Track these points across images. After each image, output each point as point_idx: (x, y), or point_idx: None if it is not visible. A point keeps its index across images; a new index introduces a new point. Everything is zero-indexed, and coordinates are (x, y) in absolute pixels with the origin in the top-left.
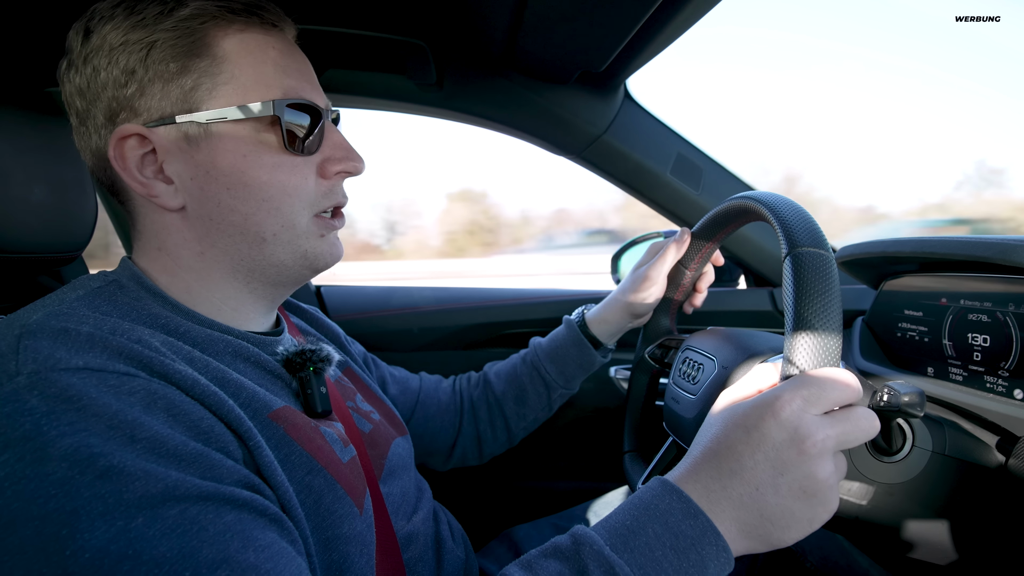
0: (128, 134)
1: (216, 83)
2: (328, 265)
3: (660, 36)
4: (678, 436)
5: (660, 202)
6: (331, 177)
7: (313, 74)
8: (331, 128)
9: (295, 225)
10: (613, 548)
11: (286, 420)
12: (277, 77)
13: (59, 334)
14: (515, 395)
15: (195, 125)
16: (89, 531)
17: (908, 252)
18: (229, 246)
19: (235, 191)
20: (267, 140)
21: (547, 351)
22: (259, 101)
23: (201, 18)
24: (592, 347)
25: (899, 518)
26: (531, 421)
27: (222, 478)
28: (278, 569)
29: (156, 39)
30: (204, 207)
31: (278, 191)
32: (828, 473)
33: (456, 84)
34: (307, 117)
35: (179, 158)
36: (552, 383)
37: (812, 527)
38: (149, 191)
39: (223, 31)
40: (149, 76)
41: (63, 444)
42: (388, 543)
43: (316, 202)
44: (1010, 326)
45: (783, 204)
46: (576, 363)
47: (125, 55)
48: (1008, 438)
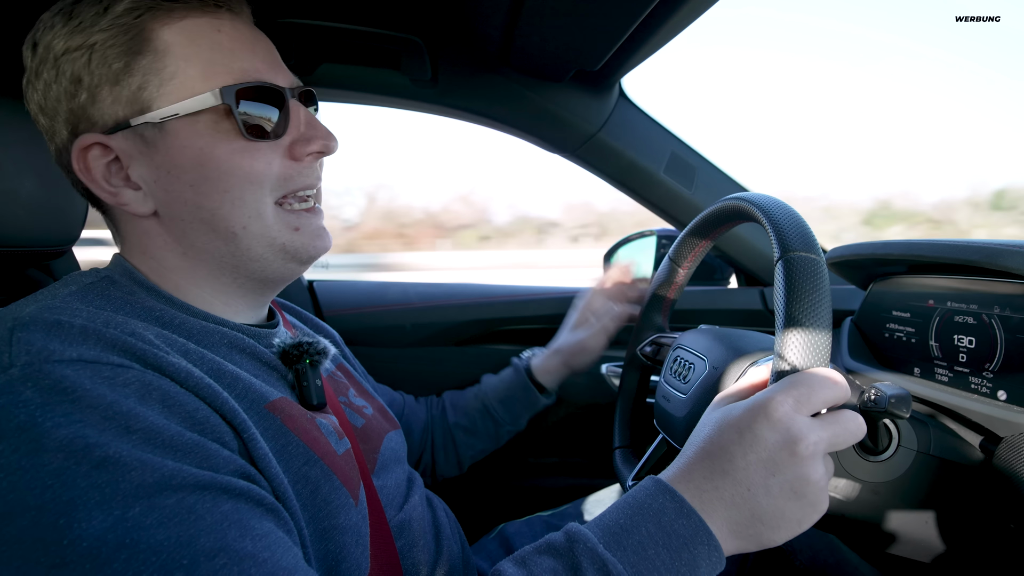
0: (88, 144)
1: (162, 79)
2: (313, 256)
3: (656, 36)
4: (668, 434)
5: (654, 201)
6: (302, 159)
7: (274, 52)
8: (297, 107)
9: (262, 215)
10: (607, 546)
11: (283, 411)
12: (226, 62)
13: (52, 326)
14: (465, 426)
15: (149, 126)
16: (86, 520)
17: (897, 254)
18: (206, 244)
19: (197, 187)
20: (224, 129)
21: (496, 391)
22: (207, 91)
23: (136, 11)
24: (537, 391)
25: (885, 516)
26: (479, 451)
27: (218, 467)
28: (275, 557)
29: (95, 41)
30: (173, 208)
31: (239, 180)
32: (819, 475)
33: (451, 81)
34: (266, 99)
35: (141, 162)
36: (500, 420)
37: (802, 527)
38: (119, 199)
39: (161, 22)
40: (95, 82)
41: (58, 435)
42: (382, 534)
43: (282, 185)
44: (995, 328)
45: (776, 207)
46: (522, 404)
47: (69, 63)
48: (991, 438)
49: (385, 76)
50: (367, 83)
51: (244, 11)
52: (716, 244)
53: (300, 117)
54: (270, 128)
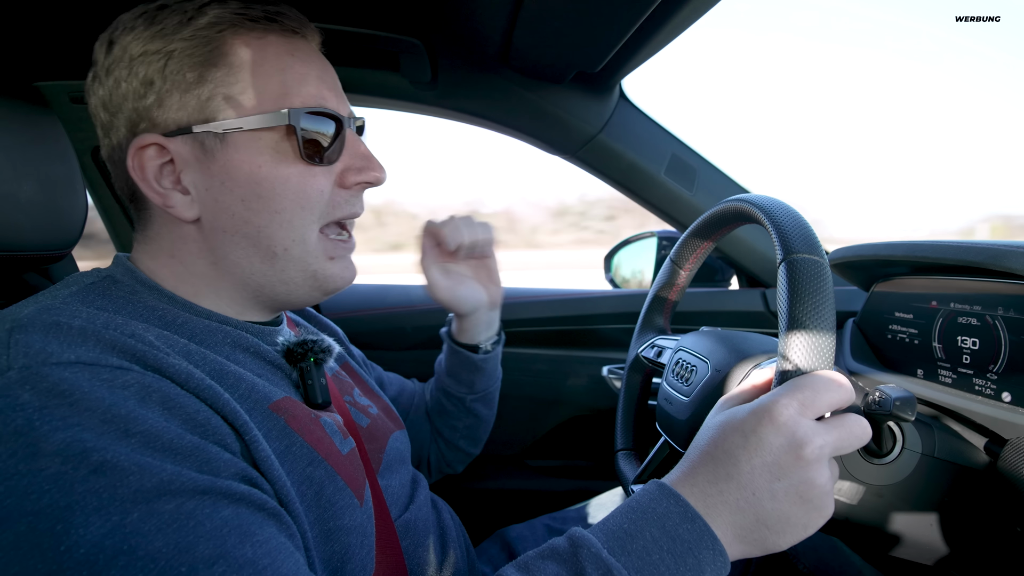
0: (146, 144)
1: (232, 92)
2: (338, 288)
3: (656, 37)
4: (671, 436)
5: (654, 202)
6: (351, 187)
7: (337, 82)
8: (353, 138)
9: (306, 240)
10: (611, 551)
11: (287, 411)
12: (295, 85)
13: (51, 328)
14: (438, 409)
15: (211, 135)
16: (84, 526)
17: (900, 256)
18: (242, 259)
19: (249, 202)
20: (283, 149)
21: (442, 368)
22: (275, 110)
23: (219, 26)
24: (469, 351)
25: (890, 519)
26: (463, 429)
27: (219, 471)
28: (275, 564)
29: (174, 48)
30: (218, 219)
31: (292, 203)
32: (825, 479)
33: (451, 83)
34: (328, 126)
35: (196, 168)
36: (456, 393)
37: (807, 532)
38: (166, 201)
39: (241, 39)
40: (167, 87)
41: (56, 439)
42: (387, 534)
43: (330, 212)
44: (999, 329)
45: (778, 209)
46: (463, 367)
47: (144, 66)
48: (996, 440)
49: (385, 78)
50: (367, 85)
51: (316, 39)
52: (717, 246)
53: (353, 147)
54: (326, 154)
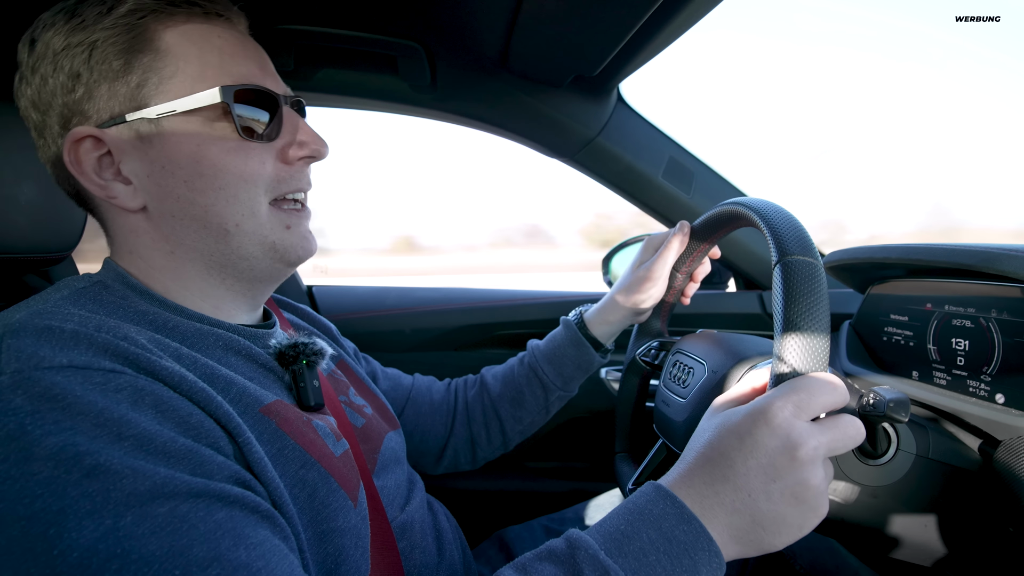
0: (81, 136)
1: (162, 77)
2: (301, 258)
3: (654, 41)
4: (668, 438)
5: (652, 205)
6: (294, 163)
7: (268, 62)
8: (291, 114)
9: (256, 213)
10: (608, 552)
11: (278, 415)
12: (225, 65)
13: (43, 332)
14: (512, 397)
15: (146, 122)
16: (77, 530)
17: (895, 258)
18: (196, 242)
19: (192, 182)
20: (220, 129)
21: (545, 352)
22: (206, 90)
23: (140, 13)
24: (592, 348)
25: (884, 520)
26: (527, 424)
27: (212, 474)
28: (270, 567)
29: (96, 39)
30: (164, 204)
31: (235, 178)
32: (819, 479)
33: (450, 86)
34: (262, 102)
35: (134, 157)
36: (550, 385)
37: (802, 532)
38: (108, 193)
39: (164, 24)
40: (94, 77)
41: (48, 443)
42: (384, 535)
43: (275, 187)
44: (992, 331)
45: (774, 212)
46: (574, 364)
47: (68, 59)
48: (990, 441)
49: (384, 81)
50: (366, 88)
51: (242, 22)
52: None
53: (293, 123)
54: (263, 131)
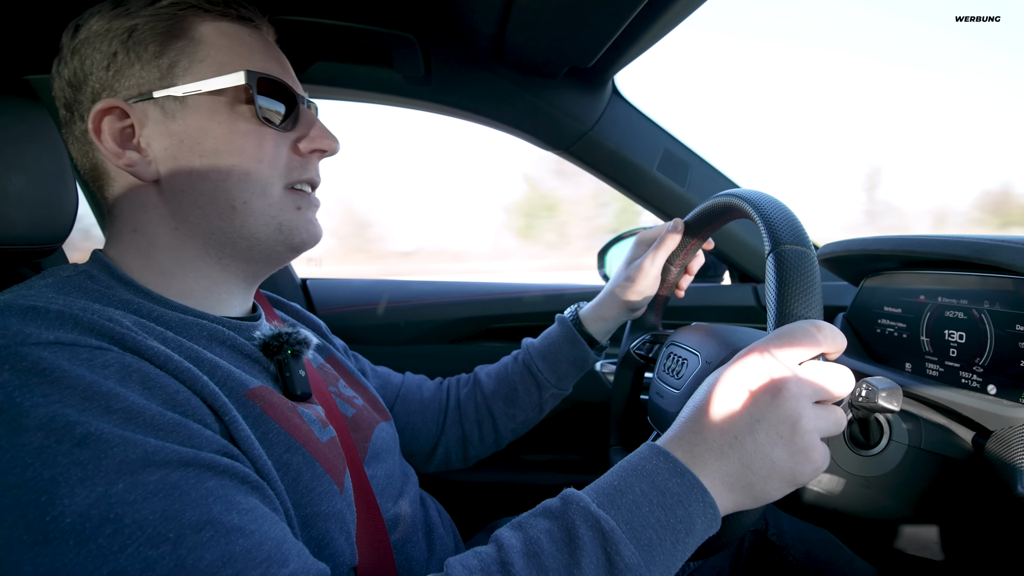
0: (108, 107)
1: (193, 60)
2: (304, 242)
3: (648, 32)
4: (662, 430)
5: (646, 197)
6: (305, 154)
7: (290, 69)
8: (307, 111)
9: (267, 193)
10: (600, 505)
11: (263, 399)
12: (252, 59)
13: (28, 311)
14: (505, 394)
15: (172, 99)
16: (69, 496)
17: (888, 250)
18: (201, 218)
19: (207, 157)
20: (241, 111)
21: (540, 350)
22: (233, 73)
23: (180, 6)
24: (587, 344)
25: (877, 510)
26: (520, 423)
27: (201, 446)
28: (262, 530)
29: (136, 24)
30: (177, 177)
31: (250, 157)
32: (807, 420)
33: (444, 78)
34: (281, 95)
35: (156, 130)
36: (544, 382)
37: (796, 481)
38: (124, 160)
39: (200, 18)
40: (130, 58)
41: (38, 414)
42: (374, 524)
43: (288, 173)
44: (985, 323)
45: (767, 202)
46: (569, 361)
47: (107, 41)
48: (982, 432)
49: (378, 73)
50: (360, 80)
51: (271, 33)
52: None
53: (308, 119)
54: (280, 121)
